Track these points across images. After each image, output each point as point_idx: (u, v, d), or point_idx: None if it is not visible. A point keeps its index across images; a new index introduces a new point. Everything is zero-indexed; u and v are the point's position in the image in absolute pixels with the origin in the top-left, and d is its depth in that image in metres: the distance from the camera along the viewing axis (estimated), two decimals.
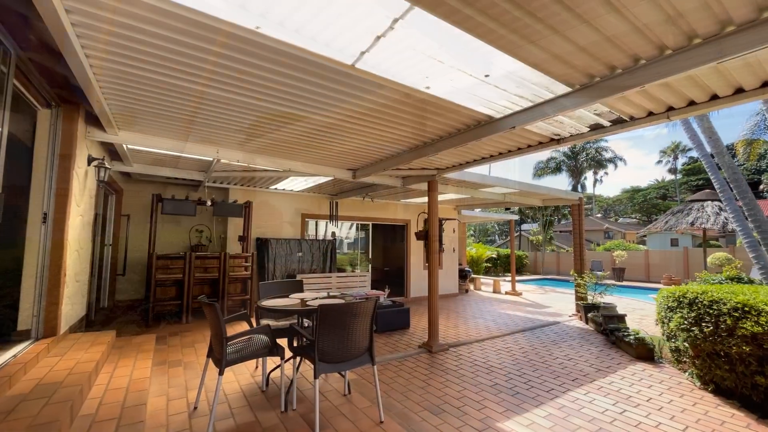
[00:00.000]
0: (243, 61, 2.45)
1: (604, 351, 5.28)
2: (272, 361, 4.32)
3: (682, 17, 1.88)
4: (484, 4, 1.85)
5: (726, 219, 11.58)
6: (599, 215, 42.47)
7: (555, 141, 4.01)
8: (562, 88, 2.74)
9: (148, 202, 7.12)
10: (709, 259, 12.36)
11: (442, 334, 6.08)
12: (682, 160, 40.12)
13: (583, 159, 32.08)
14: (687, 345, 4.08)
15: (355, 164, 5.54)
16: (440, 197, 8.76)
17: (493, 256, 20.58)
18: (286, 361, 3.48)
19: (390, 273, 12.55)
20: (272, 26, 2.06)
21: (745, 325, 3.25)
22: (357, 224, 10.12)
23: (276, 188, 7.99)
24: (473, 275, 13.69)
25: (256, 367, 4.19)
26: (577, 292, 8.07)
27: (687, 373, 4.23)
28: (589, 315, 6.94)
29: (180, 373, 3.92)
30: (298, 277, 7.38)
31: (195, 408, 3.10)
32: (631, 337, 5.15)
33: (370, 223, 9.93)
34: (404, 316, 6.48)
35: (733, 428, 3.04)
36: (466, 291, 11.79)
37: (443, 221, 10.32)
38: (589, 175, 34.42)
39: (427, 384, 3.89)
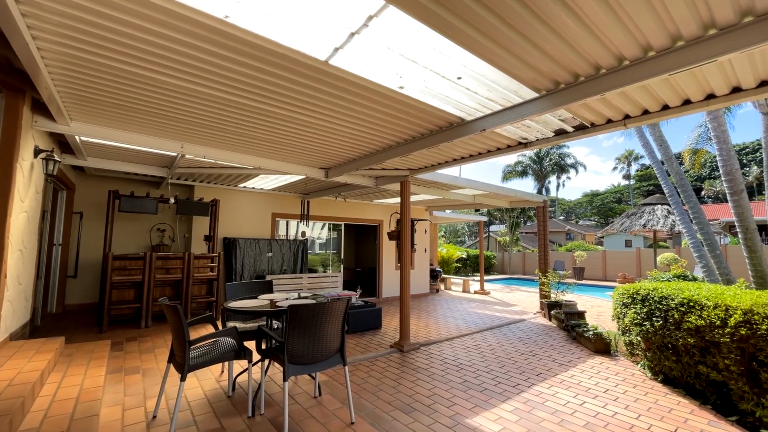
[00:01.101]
0: (210, 52, 2.35)
1: (566, 346, 5.54)
2: (239, 365, 4.17)
3: (639, 30, 2.01)
4: (458, 8, 1.88)
5: (674, 221, 12.51)
6: (562, 218, 44.70)
7: (522, 145, 4.16)
8: (530, 93, 2.85)
9: (104, 199, 6.66)
10: (658, 259, 13.32)
11: (414, 333, 6.13)
12: (635, 167, 43.20)
13: (547, 164, 33.58)
14: (639, 338, 4.37)
15: (328, 163, 5.47)
16: (412, 198, 8.85)
17: (463, 256, 21.06)
18: (253, 365, 3.37)
19: (362, 273, 12.52)
20: (242, 17, 1.99)
21: (690, 319, 3.52)
22: (329, 224, 10.01)
23: (245, 186, 7.74)
24: (444, 275, 13.94)
25: (222, 371, 4.02)
26: (541, 290, 8.42)
27: (639, 365, 4.53)
28: (552, 312, 7.27)
29: (138, 380, 3.69)
30: (268, 278, 7.18)
31: (154, 417, 2.92)
32: (590, 332, 5.44)
33: (343, 223, 9.86)
34: (376, 316, 6.48)
35: (679, 415, 3.28)
36: (437, 291, 11.98)
37: (415, 222, 10.42)
38: (552, 179, 36.06)
39: (398, 383, 3.90)
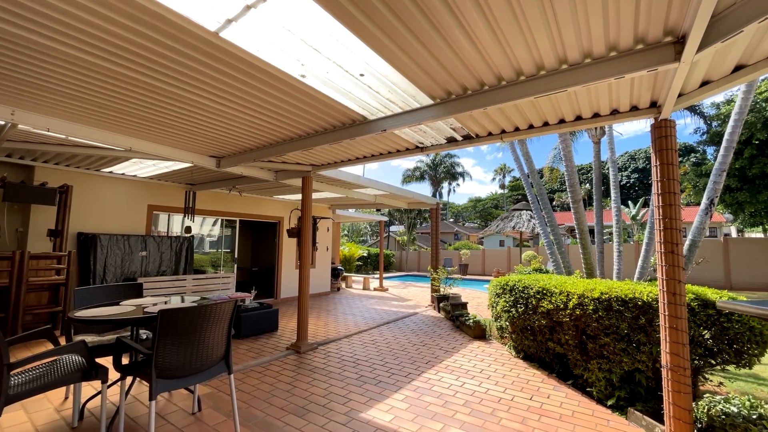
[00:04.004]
0: None
1: (451, 334, 6.14)
2: (92, 387, 3.43)
3: (513, 55, 2.33)
4: (363, 3, 1.89)
5: (534, 225, 15.10)
6: (451, 220, 49.83)
7: (419, 149, 4.45)
8: (427, 100, 3.05)
9: None
10: (523, 256, 15.89)
11: (312, 332, 5.98)
12: (508, 178, 51.03)
13: (441, 170, 37.05)
14: (508, 323, 5.10)
15: (221, 151, 4.94)
16: (315, 195, 8.66)
17: (365, 254, 21.62)
18: (110, 386, 2.80)
19: (259, 273, 11.71)
20: None
21: (543, 304, 4.26)
22: (222, 220, 9.08)
23: (112, 171, 6.45)
24: (345, 273, 14.04)
25: (66, 397, 3.24)
26: (432, 285, 9.17)
27: (507, 346, 5.29)
28: (441, 305, 7.98)
29: None
30: (140, 281, 6.11)
31: None
32: (470, 321, 6.14)
33: (237, 219, 9.05)
34: (272, 318, 6.11)
35: (534, 384, 3.94)
36: (338, 289, 11.99)
37: (318, 219, 10.24)
38: (445, 185, 39.98)
39: (293, 387, 3.74)
